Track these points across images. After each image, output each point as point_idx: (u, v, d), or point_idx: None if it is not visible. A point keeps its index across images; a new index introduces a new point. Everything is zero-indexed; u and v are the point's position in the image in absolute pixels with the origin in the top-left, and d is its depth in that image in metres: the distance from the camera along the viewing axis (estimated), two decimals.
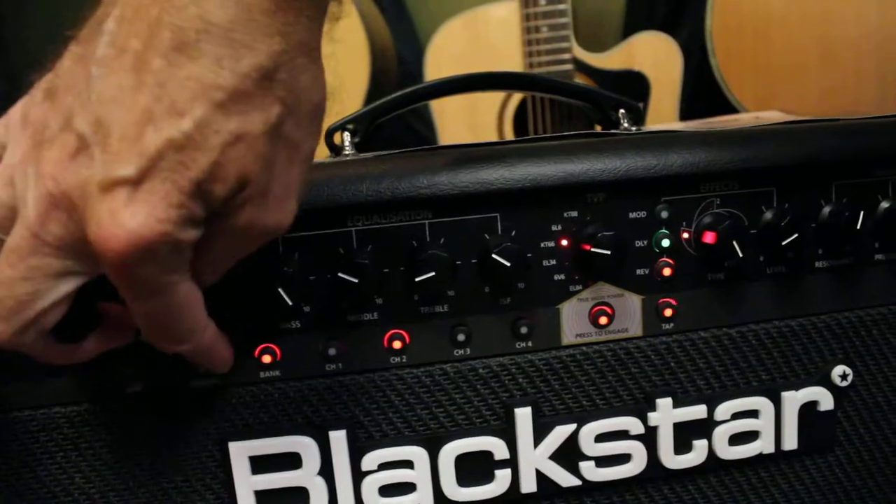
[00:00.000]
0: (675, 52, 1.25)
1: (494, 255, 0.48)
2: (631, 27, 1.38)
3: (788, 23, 1.22)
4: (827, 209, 0.53)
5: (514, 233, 0.50)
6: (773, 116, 0.84)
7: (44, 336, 0.39)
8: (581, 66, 1.26)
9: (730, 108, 1.22)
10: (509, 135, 1.28)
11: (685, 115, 1.26)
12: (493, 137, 1.28)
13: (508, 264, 0.48)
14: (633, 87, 1.26)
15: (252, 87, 0.34)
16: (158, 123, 0.33)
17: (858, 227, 0.52)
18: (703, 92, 1.27)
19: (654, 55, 1.26)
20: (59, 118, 0.35)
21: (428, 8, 1.49)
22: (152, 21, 0.33)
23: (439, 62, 1.30)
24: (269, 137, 0.35)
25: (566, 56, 1.25)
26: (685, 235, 0.52)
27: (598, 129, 0.68)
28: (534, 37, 1.25)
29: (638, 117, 0.64)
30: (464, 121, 1.28)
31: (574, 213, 0.51)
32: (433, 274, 0.47)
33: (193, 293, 0.38)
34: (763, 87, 1.23)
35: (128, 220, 0.33)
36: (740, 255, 0.51)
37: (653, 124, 1.24)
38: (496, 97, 1.28)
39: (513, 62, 1.27)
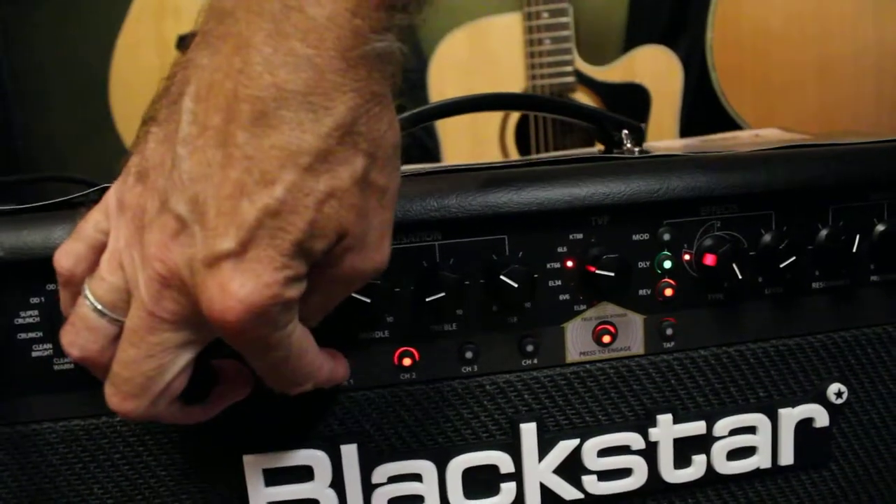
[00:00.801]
0: (675, 66, 1.27)
1: (502, 277, 0.50)
2: (632, 40, 1.40)
3: (788, 39, 1.24)
4: (824, 232, 0.55)
5: (521, 254, 0.52)
6: (772, 135, 0.86)
7: (173, 403, 0.41)
8: (583, 79, 1.28)
9: (729, 122, 1.24)
10: (511, 147, 1.30)
11: (685, 127, 1.28)
12: (496, 149, 1.29)
13: (516, 285, 0.50)
14: (634, 99, 1.27)
15: (335, 144, 0.35)
16: (252, 195, 0.34)
17: (854, 249, 0.54)
18: (702, 105, 1.28)
19: (654, 68, 1.28)
20: (154, 201, 0.37)
21: (431, 18, 1.50)
22: (229, 95, 0.34)
23: (443, 72, 1.31)
24: (359, 188, 0.36)
25: (568, 69, 1.26)
26: (686, 257, 0.54)
27: (599, 146, 0.69)
28: (536, 49, 1.27)
29: (639, 137, 0.66)
30: (467, 132, 1.30)
31: (579, 236, 0.52)
32: (443, 294, 0.49)
33: (307, 338, 0.40)
34: (762, 102, 1.25)
35: (238, 290, 0.34)
36: (739, 276, 0.52)
37: (653, 137, 1.26)
38: None
39: (515, 74, 1.28)
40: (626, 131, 0.65)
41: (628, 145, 0.65)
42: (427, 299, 0.49)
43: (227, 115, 0.34)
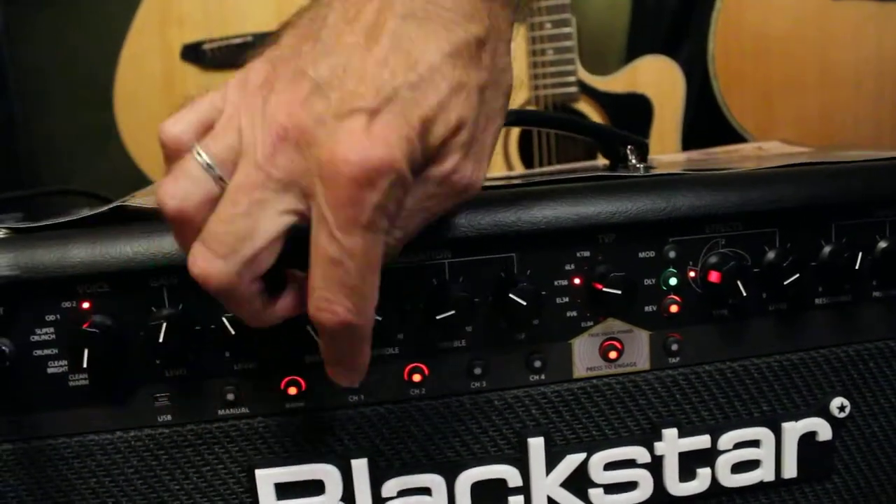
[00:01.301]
0: (677, 76, 1.28)
1: (511, 295, 0.50)
2: (634, 50, 1.40)
3: (789, 47, 1.25)
4: (827, 249, 0.56)
5: (529, 272, 0.53)
6: (774, 147, 0.86)
7: (256, 283, 0.40)
8: (585, 89, 1.28)
9: (730, 131, 1.25)
10: (515, 157, 1.30)
11: (687, 136, 1.28)
12: (499, 159, 1.30)
13: (524, 303, 0.51)
14: (637, 109, 1.28)
15: (472, 49, 0.40)
16: (394, 68, 0.37)
17: (857, 266, 0.55)
18: (704, 114, 1.29)
19: (657, 78, 1.28)
20: (287, 72, 0.39)
21: None
22: (379, 4, 0.38)
23: None
24: (479, 96, 0.40)
25: (571, 79, 1.27)
26: (692, 274, 0.55)
27: (601, 159, 0.70)
28: (539, 59, 1.28)
29: (644, 153, 0.67)
30: None
31: (586, 253, 0.53)
32: (453, 312, 0.50)
33: (378, 263, 0.39)
34: (763, 111, 1.26)
35: (364, 142, 0.36)
36: (744, 293, 0.53)
37: (656, 146, 1.26)
38: None
39: (519, 84, 1.29)
40: (630, 147, 0.66)
41: (633, 161, 0.65)
42: (437, 317, 0.50)
43: (379, 10, 0.38)
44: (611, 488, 0.56)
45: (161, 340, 0.48)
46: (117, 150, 1.35)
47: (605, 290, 0.52)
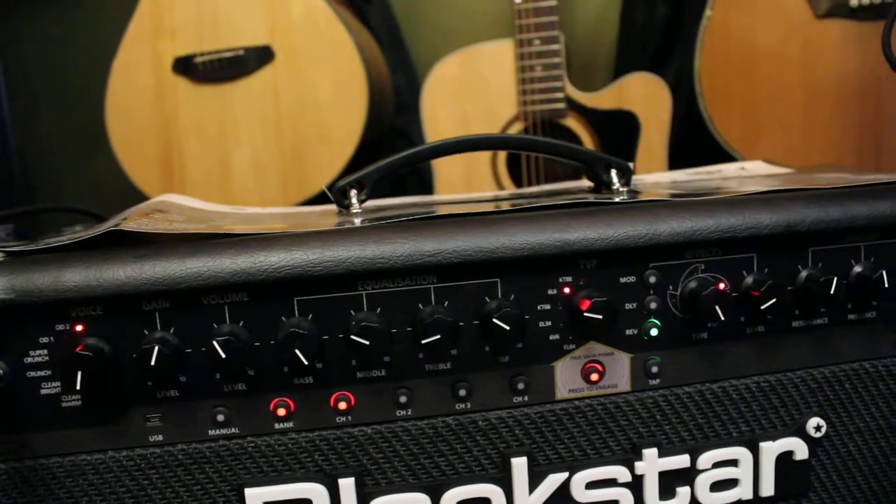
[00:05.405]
0: (664, 93, 1.29)
1: (495, 319, 0.52)
2: (622, 67, 1.42)
3: (773, 63, 1.27)
4: (804, 274, 0.57)
5: (512, 297, 0.54)
6: (757, 168, 0.88)
7: None
8: (573, 105, 1.30)
9: (716, 148, 1.26)
10: (503, 173, 1.32)
11: (673, 153, 1.30)
12: (488, 174, 1.32)
13: (507, 327, 0.52)
14: (624, 125, 1.30)
15: None
16: None
17: (832, 291, 0.56)
18: (691, 131, 1.31)
19: (644, 95, 1.30)
20: None
21: (424, 40, 1.53)
22: None
23: (435, 97, 1.33)
24: None
25: (559, 95, 1.29)
26: (671, 298, 0.56)
27: (586, 179, 0.72)
28: (528, 76, 1.29)
29: (627, 176, 0.68)
30: (459, 157, 1.32)
31: (569, 279, 0.55)
32: (438, 336, 0.51)
33: None
34: (749, 128, 1.27)
35: None
36: (722, 317, 0.55)
37: (643, 161, 1.28)
38: None
39: (507, 100, 1.31)
40: (614, 171, 0.68)
41: (616, 184, 0.67)
42: (423, 341, 0.51)
43: None
44: None
45: (153, 363, 0.49)
46: (108, 161, 1.36)
47: (586, 314, 0.53)
